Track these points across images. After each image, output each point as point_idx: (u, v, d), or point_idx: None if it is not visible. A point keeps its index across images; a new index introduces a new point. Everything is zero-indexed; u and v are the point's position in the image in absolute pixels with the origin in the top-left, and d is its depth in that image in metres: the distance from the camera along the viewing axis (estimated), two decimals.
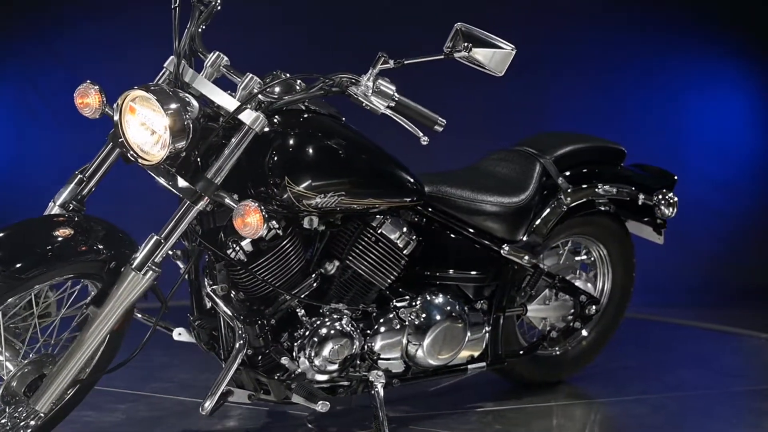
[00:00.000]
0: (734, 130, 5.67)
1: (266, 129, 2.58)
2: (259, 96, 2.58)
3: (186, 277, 2.80)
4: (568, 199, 3.31)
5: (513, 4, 5.31)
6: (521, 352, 3.37)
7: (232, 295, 2.75)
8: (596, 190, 3.39)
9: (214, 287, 2.71)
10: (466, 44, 2.53)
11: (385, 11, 4.90)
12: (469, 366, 3.21)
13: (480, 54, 2.54)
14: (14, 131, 5.08)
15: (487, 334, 3.19)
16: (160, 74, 2.70)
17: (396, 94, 2.59)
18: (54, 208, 2.63)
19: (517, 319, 3.45)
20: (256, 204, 2.49)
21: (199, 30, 2.70)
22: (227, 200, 2.55)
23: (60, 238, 2.48)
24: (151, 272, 2.49)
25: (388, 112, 2.59)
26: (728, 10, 5.50)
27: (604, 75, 5.44)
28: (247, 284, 2.74)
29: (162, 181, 2.56)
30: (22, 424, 2.59)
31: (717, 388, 3.68)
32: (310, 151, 2.66)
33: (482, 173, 3.29)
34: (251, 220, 2.51)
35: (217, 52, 2.68)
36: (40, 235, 2.48)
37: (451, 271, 3.12)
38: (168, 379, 3.58)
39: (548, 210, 3.29)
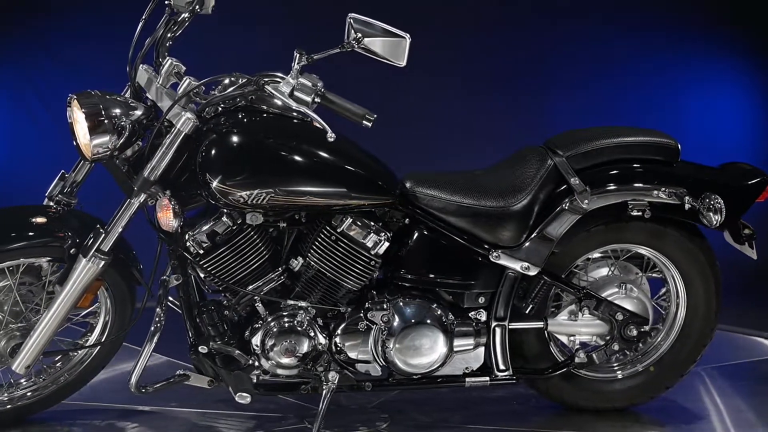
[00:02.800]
0: (734, 130, 5.47)
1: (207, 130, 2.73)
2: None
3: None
4: (586, 202, 2.93)
5: (512, 4, 5.26)
6: (540, 371, 3.05)
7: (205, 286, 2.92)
8: (628, 191, 2.95)
9: (164, 277, 2.89)
10: (357, 35, 2.52)
11: (385, 11, 4.68)
12: (468, 379, 3.00)
13: (373, 44, 2.55)
14: (12, 131, 5.27)
15: (482, 346, 2.97)
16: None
17: (321, 89, 2.61)
18: (45, 201, 3.01)
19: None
20: (168, 200, 2.67)
21: (168, 44, 2.90)
22: (159, 196, 2.74)
23: (32, 224, 2.86)
24: (98, 260, 2.76)
25: (305, 109, 2.59)
26: (728, 10, 5.41)
27: (603, 75, 5.36)
28: (209, 277, 2.87)
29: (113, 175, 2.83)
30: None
31: None
32: (232, 148, 2.72)
33: (488, 173, 3.04)
34: (162, 215, 2.69)
35: (170, 60, 2.86)
36: (14, 220, 2.88)
37: (433, 276, 2.95)
38: None
39: (556, 214, 2.94)
